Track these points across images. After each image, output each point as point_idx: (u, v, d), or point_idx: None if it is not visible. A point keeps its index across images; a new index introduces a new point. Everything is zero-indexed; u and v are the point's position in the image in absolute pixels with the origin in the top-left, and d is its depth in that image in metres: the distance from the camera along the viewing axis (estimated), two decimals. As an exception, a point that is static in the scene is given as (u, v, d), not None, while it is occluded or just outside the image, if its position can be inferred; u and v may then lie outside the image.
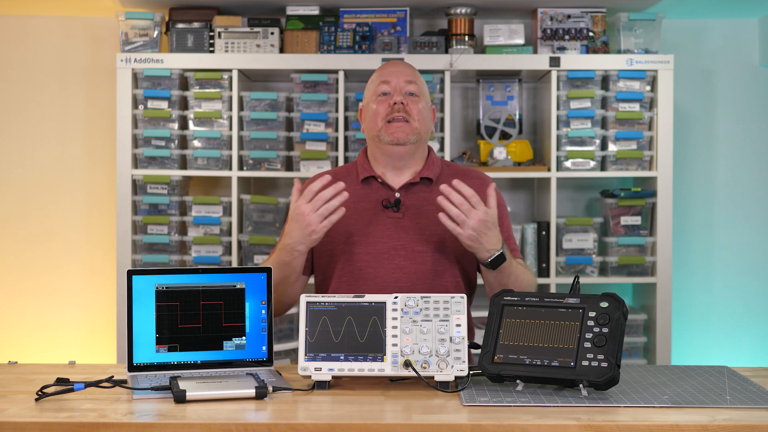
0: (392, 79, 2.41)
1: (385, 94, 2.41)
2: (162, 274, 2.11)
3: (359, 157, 2.50)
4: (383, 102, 2.40)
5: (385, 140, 2.38)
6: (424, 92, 2.45)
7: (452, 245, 2.37)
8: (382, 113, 2.39)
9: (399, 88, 2.40)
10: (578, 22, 3.66)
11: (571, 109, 3.62)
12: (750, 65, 4.00)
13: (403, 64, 2.48)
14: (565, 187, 3.89)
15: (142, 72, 3.59)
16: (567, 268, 3.65)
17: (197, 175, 3.66)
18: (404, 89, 2.40)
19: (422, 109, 2.42)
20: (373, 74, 2.49)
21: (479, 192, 2.43)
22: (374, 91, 2.44)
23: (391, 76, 2.42)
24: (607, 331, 1.92)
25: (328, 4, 3.69)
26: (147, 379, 2.00)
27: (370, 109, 2.42)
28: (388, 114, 2.38)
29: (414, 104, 2.40)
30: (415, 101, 2.41)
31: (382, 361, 1.98)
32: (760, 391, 1.97)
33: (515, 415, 1.79)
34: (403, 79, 2.41)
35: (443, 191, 2.19)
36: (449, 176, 2.46)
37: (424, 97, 2.44)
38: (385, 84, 2.41)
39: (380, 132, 2.39)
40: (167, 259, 3.61)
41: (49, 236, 3.95)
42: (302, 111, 3.63)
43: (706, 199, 4.01)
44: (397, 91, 2.40)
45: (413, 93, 2.41)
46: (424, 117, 2.42)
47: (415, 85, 2.42)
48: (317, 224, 2.21)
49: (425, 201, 2.42)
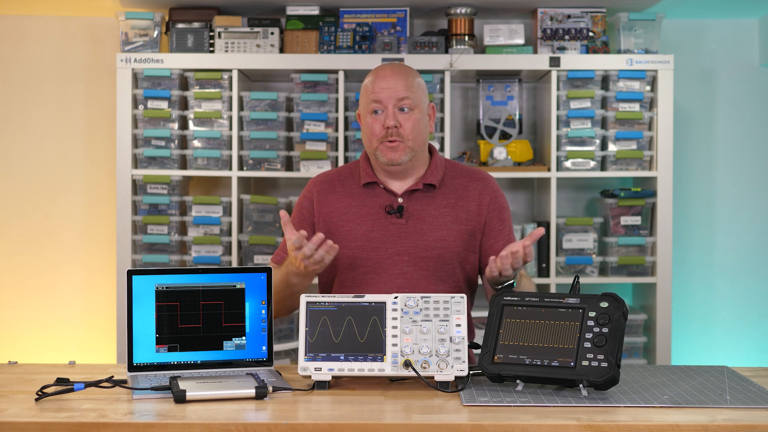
0: (383, 98, 2.35)
1: (376, 112, 2.37)
2: (162, 274, 2.11)
3: (361, 160, 2.49)
4: (377, 120, 2.37)
5: (381, 160, 2.38)
6: (419, 100, 2.39)
7: (455, 251, 2.38)
8: (377, 133, 2.36)
9: (391, 107, 2.35)
10: (578, 22, 3.66)
11: (571, 109, 3.62)
12: (750, 65, 3.99)
13: (393, 76, 2.38)
14: (565, 187, 3.89)
15: (142, 72, 3.59)
16: (567, 268, 3.65)
17: (197, 175, 3.66)
18: (396, 105, 2.35)
19: (416, 123, 2.37)
20: (367, 77, 2.42)
21: (481, 193, 2.43)
22: (367, 106, 2.39)
23: (381, 93, 2.36)
24: (607, 331, 1.92)
25: (328, 4, 3.69)
26: (147, 379, 2.00)
27: (366, 124, 2.40)
28: (383, 135, 2.35)
29: (407, 120, 2.35)
30: (408, 117, 2.36)
31: (382, 361, 1.98)
32: (760, 391, 1.97)
33: (515, 415, 1.78)
34: (395, 96, 2.35)
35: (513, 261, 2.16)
36: (453, 177, 2.46)
37: (418, 105, 2.38)
38: (377, 103, 2.36)
39: (376, 151, 2.38)
40: (167, 259, 3.61)
41: (49, 236, 3.95)
42: (302, 111, 3.63)
43: (706, 199, 4.00)
44: (389, 110, 2.35)
45: (406, 108, 2.36)
46: (418, 131, 2.37)
47: (408, 99, 2.36)
48: (316, 265, 2.19)
49: (428, 206, 2.41)
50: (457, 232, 2.39)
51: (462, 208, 2.42)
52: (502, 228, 2.43)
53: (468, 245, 2.41)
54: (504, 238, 2.42)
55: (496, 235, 2.42)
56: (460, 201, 2.42)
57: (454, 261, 2.39)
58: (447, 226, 2.39)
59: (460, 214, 2.41)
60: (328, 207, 2.43)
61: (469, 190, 2.44)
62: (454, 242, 2.38)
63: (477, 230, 2.42)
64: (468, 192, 2.44)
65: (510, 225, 2.47)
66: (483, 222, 2.42)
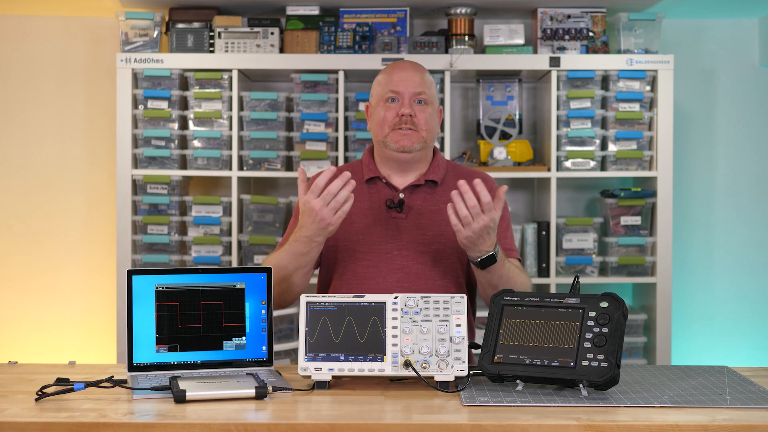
0: (401, 89, 2.40)
1: (392, 101, 2.40)
2: (162, 274, 2.11)
3: (364, 156, 2.51)
4: (391, 109, 2.40)
5: (391, 147, 2.39)
6: (433, 97, 2.44)
7: (454, 246, 2.38)
8: (390, 120, 2.39)
9: (408, 97, 2.39)
10: (578, 22, 3.66)
11: (571, 109, 3.62)
12: (750, 65, 3.99)
13: (412, 69, 2.45)
14: (565, 187, 3.89)
15: (142, 72, 3.59)
16: (567, 268, 3.65)
17: (197, 175, 3.66)
18: (413, 98, 2.40)
19: (429, 117, 2.41)
20: (381, 73, 2.47)
21: None
22: (382, 95, 2.42)
23: (400, 84, 2.40)
24: (607, 331, 1.92)
25: (328, 4, 3.69)
26: (147, 379, 2.00)
27: (378, 114, 2.42)
28: (396, 123, 2.38)
29: (422, 112, 2.40)
30: (423, 109, 2.40)
31: (382, 361, 1.98)
32: (760, 391, 1.97)
33: (515, 415, 1.78)
34: (413, 89, 2.40)
35: (460, 188, 2.16)
36: (454, 178, 2.45)
37: (432, 102, 2.44)
38: (394, 93, 2.40)
39: (386, 138, 2.40)
40: (167, 259, 3.61)
41: (49, 236, 3.95)
42: (302, 111, 3.63)
43: (706, 199, 4.00)
44: (405, 100, 2.39)
45: (422, 101, 2.41)
46: (431, 125, 2.42)
47: (425, 94, 2.41)
48: (331, 218, 2.20)
49: (429, 202, 2.43)
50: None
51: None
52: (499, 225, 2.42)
53: None
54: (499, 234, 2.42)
55: None
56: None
57: (454, 256, 2.40)
58: (447, 222, 2.39)
59: None
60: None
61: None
62: (453, 238, 2.37)
63: None
64: None
65: (507, 226, 2.48)
66: None
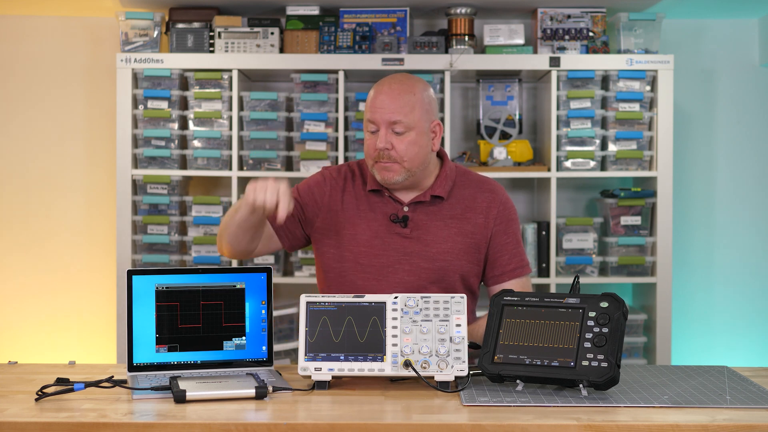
0: (377, 118, 2.31)
1: (372, 131, 2.33)
2: (162, 274, 2.11)
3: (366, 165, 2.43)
4: (372, 139, 2.33)
5: (377, 177, 2.36)
6: (415, 121, 2.31)
7: (457, 264, 2.36)
8: (371, 153, 2.33)
9: (384, 128, 2.30)
10: (578, 22, 3.66)
11: (571, 109, 3.62)
12: (750, 65, 3.99)
13: (390, 93, 2.31)
14: (565, 187, 3.89)
15: (142, 72, 3.59)
16: (567, 268, 3.65)
17: (197, 175, 3.66)
18: (389, 128, 2.30)
19: (410, 144, 2.30)
20: (370, 91, 2.37)
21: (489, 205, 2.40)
22: (365, 119, 2.36)
23: (376, 113, 2.31)
24: (607, 331, 1.92)
25: (328, 4, 3.69)
26: (147, 379, 2.00)
27: (365, 137, 2.37)
28: (376, 156, 2.32)
29: (400, 143, 2.30)
30: (401, 139, 2.30)
31: (382, 361, 1.98)
32: (760, 391, 1.97)
33: (515, 415, 1.79)
34: (387, 118, 2.29)
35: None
36: (462, 188, 2.42)
37: (415, 126, 2.31)
38: (371, 123, 2.33)
39: (372, 169, 2.36)
40: (167, 259, 3.61)
41: (49, 236, 3.95)
42: (302, 111, 3.63)
43: (706, 199, 4.00)
44: (381, 132, 2.31)
45: (399, 132, 2.30)
46: (412, 152, 2.31)
47: (401, 123, 2.28)
48: (269, 196, 2.14)
49: (434, 217, 2.39)
50: (462, 245, 2.37)
51: (468, 221, 2.39)
52: (507, 241, 2.41)
53: (472, 259, 2.39)
54: (509, 252, 2.41)
55: (501, 249, 2.40)
56: (467, 213, 2.40)
57: (456, 274, 2.37)
58: (452, 238, 2.37)
59: (465, 227, 2.38)
60: (337, 205, 2.42)
61: (477, 201, 2.41)
62: (458, 255, 2.36)
63: (482, 244, 2.40)
64: (476, 204, 2.41)
65: (516, 237, 2.43)
66: (489, 235, 2.40)
